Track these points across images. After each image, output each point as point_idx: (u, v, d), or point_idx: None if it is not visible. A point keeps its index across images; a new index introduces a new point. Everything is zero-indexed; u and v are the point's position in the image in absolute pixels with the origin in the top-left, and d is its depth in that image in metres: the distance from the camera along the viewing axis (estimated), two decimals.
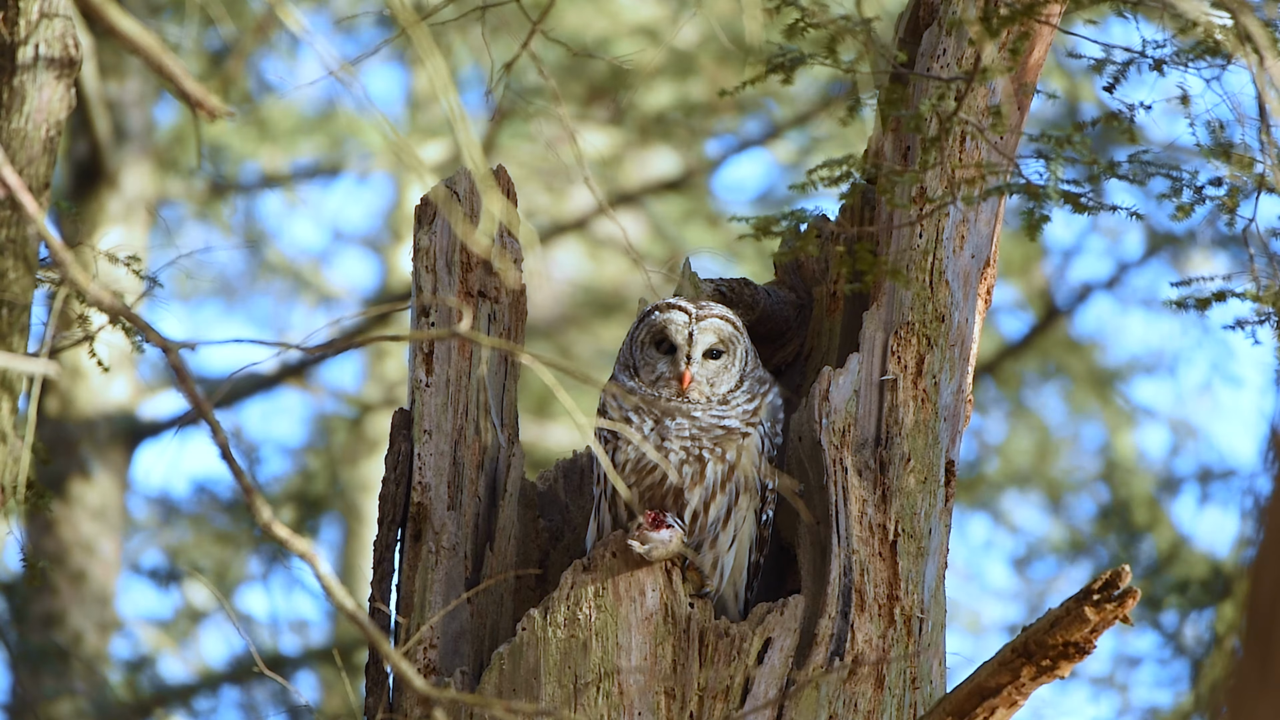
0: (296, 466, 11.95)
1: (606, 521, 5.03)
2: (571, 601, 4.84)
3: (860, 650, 4.89)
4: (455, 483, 5.09)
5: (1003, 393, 12.12)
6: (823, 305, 5.34)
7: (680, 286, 5.37)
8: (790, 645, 4.86)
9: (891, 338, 5.10)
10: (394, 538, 5.08)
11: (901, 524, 5.00)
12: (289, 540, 3.94)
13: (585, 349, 12.02)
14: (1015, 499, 12.10)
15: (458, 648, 4.98)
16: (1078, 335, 12.05)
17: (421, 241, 5.20)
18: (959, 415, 5.13)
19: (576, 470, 5.38)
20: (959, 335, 5.14)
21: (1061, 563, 11.58)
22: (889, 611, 4.96)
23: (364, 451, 12.10)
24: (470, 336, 4.18)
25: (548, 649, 4.82)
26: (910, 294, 5.12)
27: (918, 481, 5.03)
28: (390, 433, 5.12)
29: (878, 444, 5.04)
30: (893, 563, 4.98)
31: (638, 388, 5.06)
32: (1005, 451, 12.17)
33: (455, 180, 5.23)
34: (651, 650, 4.82)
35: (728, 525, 5.00)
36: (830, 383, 5.04)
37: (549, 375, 4.16)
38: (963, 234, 5.17)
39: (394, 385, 12.21)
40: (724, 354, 5.08)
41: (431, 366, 5.13)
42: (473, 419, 5.14)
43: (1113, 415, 12.02)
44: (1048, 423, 12.17)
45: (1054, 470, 12.02)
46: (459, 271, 5.19)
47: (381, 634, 4.84)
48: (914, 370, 5.10)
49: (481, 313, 5.21)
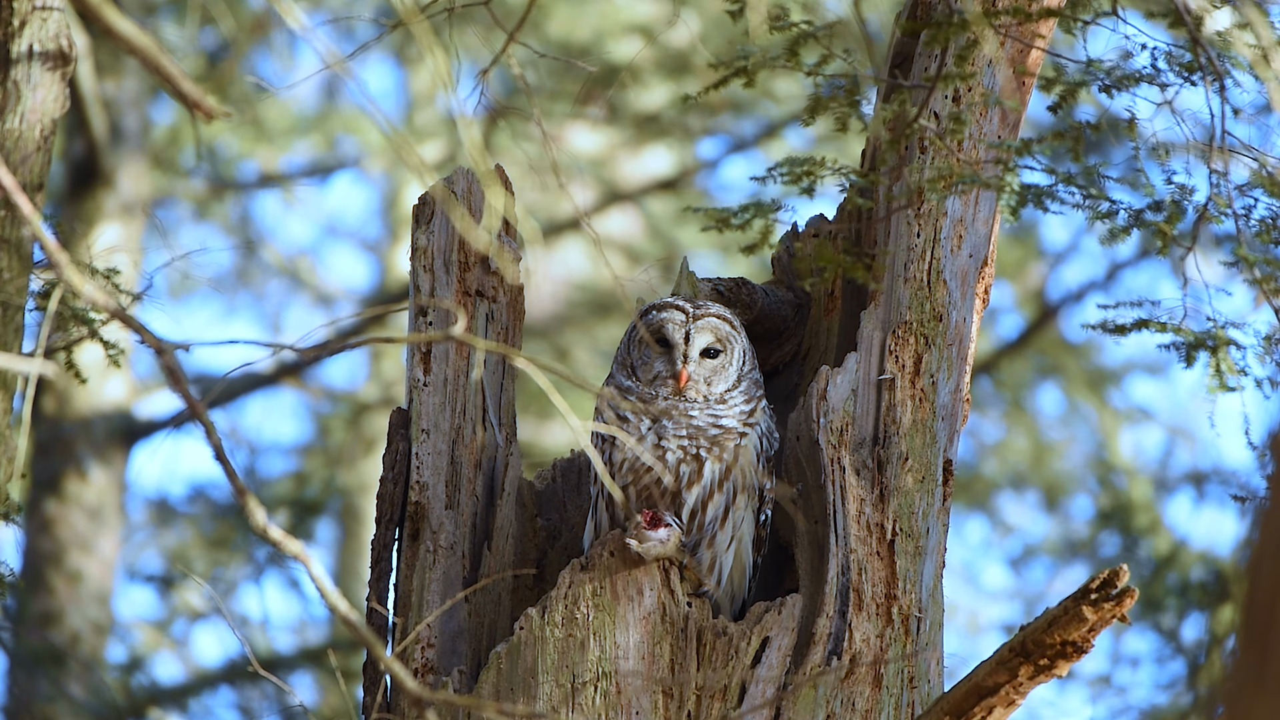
0: (293, 466, 11.94)
1: (604, 521, 5.02)
2: (569, 601, 4.83)
3: (858, 649, 4.89)
4: (453, 482, 5.08)
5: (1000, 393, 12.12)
6: (820, 305, 5.33)
7: (678, 286, 5.37)
8: (788, 644, 4.86)
9: (889, 337, 5.09)
10: (392, 537, 5.07)
11: (899, 523, 4.99)
12: (283, 542, 3.93)
13: (583, 349, 12.01)
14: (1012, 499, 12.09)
15: (455, 647, 4.98)
16: (1071, 337, 12.05)
17: (419, 241, 5.19)
18: (957, 415, 5.13)
19: (574, 469, 5.37)
20: (957, 334, 5.13)
21: (1058, 563, 11.58)
22: (887, 610, 4.95)
23: (362, 451, 12.09)
24: (467, 339, 4.16)
25: (545, 648, 4.81)
26: (908, 293, 5.11)
27: (915, 481, 5.03)
28: (388, 432, 5.11)
29: (875, 443, 5.04)
30: (890, 562, 4.97)
31: (635, 387, 5.06)
32: (1002, 451, 12.17)
33: (454, 179, 5.22)
34: (649, 649, 4.82)
35: (725, 524, 4.99)
36: (828, 382, 5.04)
37: (544, 379, 4.15)
38: (960, 233, 5.16)
39: (392, 384, 12.21)
40: (721, 353, 5.07)
41: (429, 366, 5.13)
42: (470, 418, 5.14)
43: (1108, 415, 12.02)
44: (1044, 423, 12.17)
45: (1051, 470, 12.01)
46: (457, 271, 5.18)
47: (375, 636, 4.83)
48: (912, 369, 5.09)
49: (479, 312, 5.20)
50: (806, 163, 5.00)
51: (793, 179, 5.00)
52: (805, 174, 4.98)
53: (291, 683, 10.63)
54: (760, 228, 5.01)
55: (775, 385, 5.34)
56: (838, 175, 5.00)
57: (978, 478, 12.02)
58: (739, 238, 5.07)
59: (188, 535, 11.09)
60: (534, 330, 11.86)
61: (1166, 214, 5.00)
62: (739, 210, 5.01)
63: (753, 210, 5.00)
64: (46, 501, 9.84)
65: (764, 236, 5.02)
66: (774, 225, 5.02)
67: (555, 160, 5.01)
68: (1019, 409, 12.18)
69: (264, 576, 10.85)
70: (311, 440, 12.23)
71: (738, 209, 5.01)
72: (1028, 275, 12.06)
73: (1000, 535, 11.99)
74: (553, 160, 4.95)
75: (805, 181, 4.99)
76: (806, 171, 4.98)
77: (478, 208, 5.21)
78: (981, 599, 12.11)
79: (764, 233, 5.01)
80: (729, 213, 5.01)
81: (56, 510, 9.85)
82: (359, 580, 11.92)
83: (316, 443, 12.20)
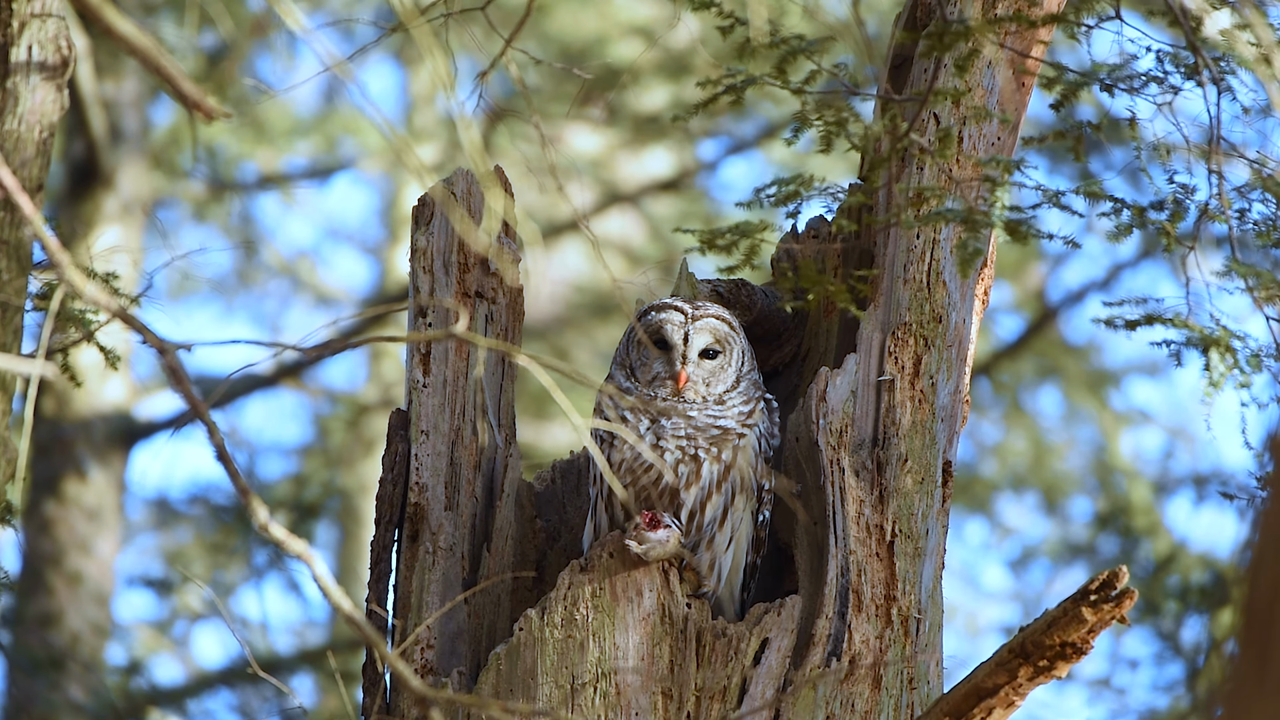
0: (293, 468, 11.94)
1: (604, 522, 5.03)
2: (569, 602, 4.83)
3: (857, 650, 4.89)
4: (452, 483, 5.09)
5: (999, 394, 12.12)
6: (819, 307, 5.33)
7: (677, 287, 5.37)
8: (787, 645, 4.86)
9: (889, 338, 5.10)
10: (391, 538, 5.07)
11: (899, 524, 5.00)
12: (286, 541, 3.94)
13: (582, 350, 12.02)
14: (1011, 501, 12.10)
15: (455, 648, 4.98)
16: (1071, 338, 12.06)
17: (419, 242, 5.19)
18: (956, 416, 5.13)
19: (574, 471, 5.37)
20: (956, 336, 5.14)
21: (1057, 565, 11.58)
22: (886, 612, 4.95)
23: (361, 452, 12.10)
24: (467, 337, 4.17)
25: (545, 649, 4.82)
26: (908, 294, 5.11)
27: (915, 482, 5.03)
28: (387, 433, 5.11)
29: (875, 444, 5.04)
30: (890, 563, 4.98)
31: (634, 388, 5.06)
32: (1001, 452, 12.18)
33: (454, 180, 5.23)
34: (649, 651, 4.82)
35: (724, 526, 5.00)
36: (827, 383, 5.04)
37: (546, 376, 4.16)
38: (960, 235, 5.16)
39: (391, 385, 12.21)
40: (720, 354, 5.08)
41: (429, 367, 5.13)
42: (470, 419, 5.14)
43: (1108, 418, 12.02)
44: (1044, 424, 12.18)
45: (1050, 472, 12.02)
46: (456, 272, 5.18)
47: (379, 635, 4.83)
48: (911, 371, 5.09)
49: (479, 313, 5.21)
50: (795, 181, 5.02)
51: (779, 200, 5.02)
52: (791, 195, 5.01)
53: (291, 684, 10.63)
54: (745, 248, 5.05)
55: (775, 387, 5.34)
56: (823, 195, 5.03)
57: (977, 479, 12.02)
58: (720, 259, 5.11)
59: (188, 537, 11.10)
60: (533, 331, 11.87)
61: (1169, 213, 5.00)
62: (725, 231, 5.05)
63: (739, 231, 5.04)
64: (46, 503, 9.84)
65: (748, 257, 5.05)
66: (760, 245, 5.05)
67: (554, 162, 5.02)
68: (1018, 410, 12.19)
69: (264, 578, 10.85)
70: (311, 442, 12.24)
71: (725, 230, 5.05)
72: (1027, 276, 12.07)
73: (999, 537, 12.00)
74: (551, 162, 4.96)
75: (791, 205, 5.02)
76: (792, 193, 5.00)
77: (477, 209, 5.22)
78: (981, 600, 12.12)
79: (748, 254, 5.05)
80: (716, 233, 5.04)
81: (56, 511, 9.85)
82: (358, 582, 11.93)
83: (316, 444, 12.20)
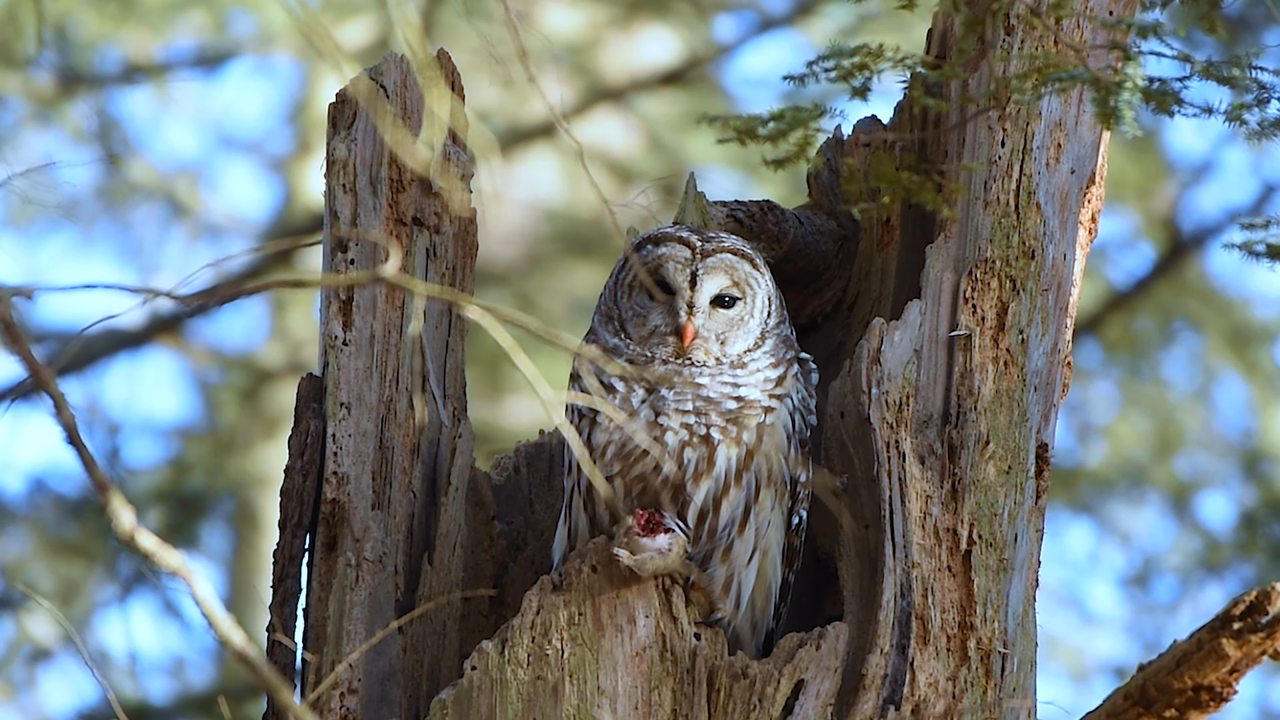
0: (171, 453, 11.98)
1: (583, 525, 5.04)
2: (538, 632, 4.85)
3: (923, 696, 4.91)
4: (382, 473, 5.10)
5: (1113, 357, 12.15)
6: (872, 237, 5.34)
7: (682, 212, 5.37)
8: (829, 690, 4.88)
9: (964, 280, 5.11)
10: (301, 546, 5.09)
11: (977, 529, 5.01)
12: (157, 553, 3.95)
13: (555, 299, 12.04)
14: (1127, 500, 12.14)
15: (385, 693, 5.00)
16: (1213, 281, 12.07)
17: (338, 152, 5.20)
18: (1054, 384, 5.14)
19: (544, 456, 5.39)
20: (1054, 277, 5.14)
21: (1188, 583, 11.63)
22: (961, 645, 4.97)
23: (261, 432, 12.12)
24: (400, 281, 4.17)
25: (506, 695, 4.84)
26: (989, 222, 5.12)
27: (999, 472, 5.05)
28: (295, 407, 5.12)
29: (945, 422, 5.05)
30: (966, 580, 5.00)
31: (624, 346, 5.07)
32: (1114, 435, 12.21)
33: (382, 69, 5.22)
34: (644, 696, 4.84)
35: (745, 530, 5.01)
36: (882, 340, 5.05)
37: (504, 333, 4.16)
38: (1059, 141, 5.17)
39: (301, 345, 12.24)
40: (739, 301, 5.08)
41: (350, 319, 5.14)
42: (405, 389, 5.15)
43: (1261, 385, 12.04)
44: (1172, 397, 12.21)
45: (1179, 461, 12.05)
46: (387, 192, 5.19)
47: (281, 676, 4.85)
48: (994, 323, 5.11)
49: (418, 247, 5.21)
50: (859, 52, 4.98)
51: (840, 75, 4.98)
52: (858, 68, 4.97)
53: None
54: (797, 140, 5.00)
55: (812, 343, 5.36)
56: (899, 67, 4.99)
57: (1082, 469, 12.05)
58: (765, 150, 5.06)
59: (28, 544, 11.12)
60: (490, 273, 11.88)
61: None
62: (770, 118, 5.00)
63: (789, 117, 4.99)
64: None
65: (800, 150, 5.00)
66: (814, 136, 5.01)
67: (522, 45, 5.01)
68: (1137, 379, 12.21)
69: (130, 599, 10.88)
70: (195, 418, 12.27)
71: (768, 116, 5.00)
72: (1153, 198, 12.08)
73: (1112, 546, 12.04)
74: (519, 45, 4.95)
75: (858, 79, 4.98)
76: (860, 65, 4.97)
77: (415, 109, 5.22)
78: (1087, 630, 12.17)
79: (800, 145, 5.00)
80: (756, 121, 4.99)
81: None
82: (258, 605, 11.96)
83: (201, 421, 12.23)
